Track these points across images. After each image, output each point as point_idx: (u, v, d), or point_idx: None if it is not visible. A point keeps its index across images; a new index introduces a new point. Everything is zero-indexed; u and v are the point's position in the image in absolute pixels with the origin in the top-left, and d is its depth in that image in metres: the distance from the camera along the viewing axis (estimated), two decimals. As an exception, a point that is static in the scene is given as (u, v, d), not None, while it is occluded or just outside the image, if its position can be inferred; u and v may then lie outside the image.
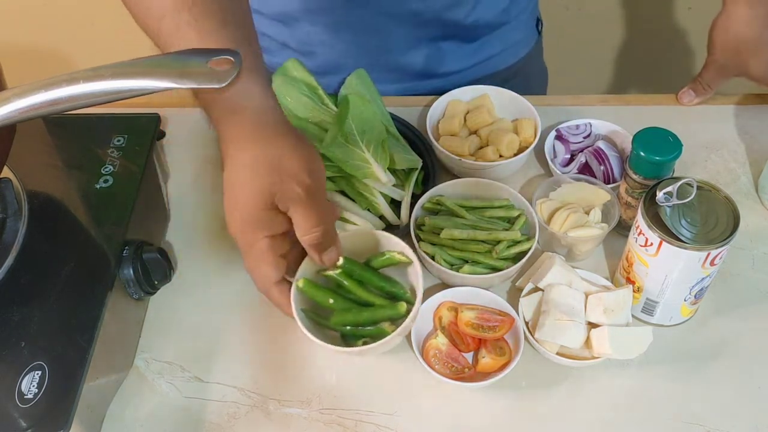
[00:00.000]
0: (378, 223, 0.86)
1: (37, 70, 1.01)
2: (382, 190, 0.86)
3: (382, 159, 0.85)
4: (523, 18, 1.07)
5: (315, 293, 0.70)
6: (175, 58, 0.67)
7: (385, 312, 0.70)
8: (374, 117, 0.87)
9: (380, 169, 0.84)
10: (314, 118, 0.90)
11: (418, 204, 0.84)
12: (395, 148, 0.88)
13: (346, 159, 0.84)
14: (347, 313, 0.70)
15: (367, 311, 0.69)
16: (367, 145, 0.84)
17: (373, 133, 0.85)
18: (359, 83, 0.93)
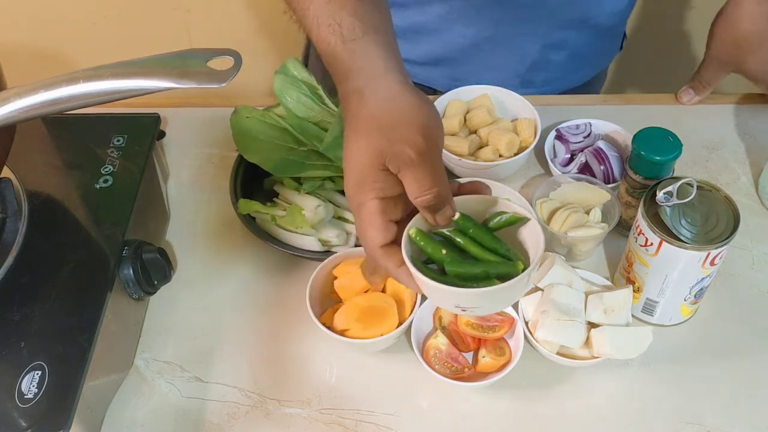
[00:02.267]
0: None
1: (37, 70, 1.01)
2: None
3: None
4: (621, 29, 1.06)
5: (427, 244, 0.63)
6: (175, 58, 0.67)
7: (500, 268, 0.62)
8: None
9: None
10: (314, 117, 0.90)
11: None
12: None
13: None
14: (462, 264, 0.63)
15: (482, 265, 0.63)
16: None
17: None
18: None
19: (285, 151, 0.87)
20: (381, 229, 0.62)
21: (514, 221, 0.64)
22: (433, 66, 0.95)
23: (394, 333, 0.75)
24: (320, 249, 0.83)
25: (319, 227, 0.83)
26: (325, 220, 0.83)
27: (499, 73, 1.02)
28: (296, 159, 0.87)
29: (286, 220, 0.83)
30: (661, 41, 1.77)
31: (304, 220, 0.82)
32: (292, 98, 0.89)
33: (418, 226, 0.63)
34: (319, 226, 0.83)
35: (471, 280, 0.61)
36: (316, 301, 0.78)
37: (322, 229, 0.83)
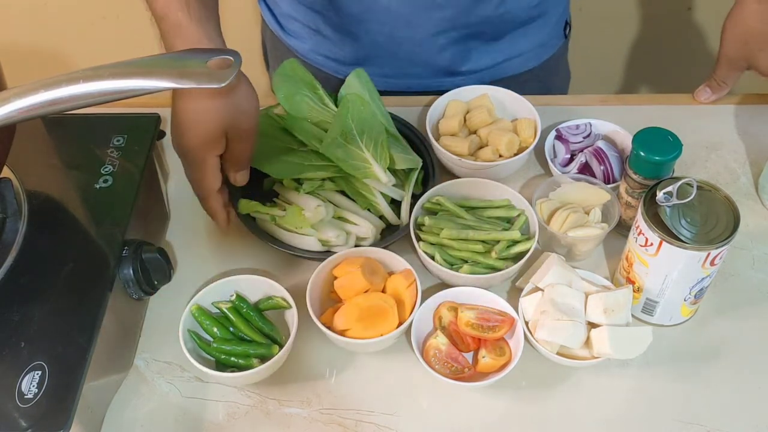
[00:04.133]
0: (378, 223, 0.86)
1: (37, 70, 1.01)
2: (382, 190, 0.86)
3: (381, 159, 0.84)
4: (552, 18, 1.06)
5: (204, 319, 0.78)
6: (175, 58, 0.67)
7: (258, 350, 0.76)
8: (373, 117, 0.87)
9: (380, 169, 0.84)
10: (314, 118, 0.90)
11: (417, 204, 0.84)
12: (395, 148, 0.87)
13: (346, 159, 0.83)
14: (226, 343, 0.77)
15: (243, 345, 0.76)
16: (367, 145, 0.84)
17: (372, 132, 0.85)
18: (359, 83, 0.92)
19: (284, 152, 0.87)
20: (217, 178, 0.80)
21: (278, 307, 0.79)
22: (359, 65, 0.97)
23: (394, 333, 0.75)
24: (320, 249, 0.82)
25: (319, 227, 0.82)
26: (325, 220, 0.83)
27: (424, 67, 1.03)
28: (295, 160, 0.87)
29: (286, 220, 0.83)
30: (661, 41, 1.77)
31: (304, 220, 0.82)
32: (291, 98, 0.89)
33: (198, 303, 0.78)
34: (319, 226, 0.82)
35: (234, 356, 0.76)
36: (316, 301, 0.78)
37: (322, 229, 0.82)
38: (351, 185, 0.86)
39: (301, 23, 1.04)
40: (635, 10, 1.72)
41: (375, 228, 0.85)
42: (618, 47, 1.80)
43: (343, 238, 0.83)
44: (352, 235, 0.84)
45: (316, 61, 1.06)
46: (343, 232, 0.83)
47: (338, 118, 0.85)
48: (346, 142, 0.84)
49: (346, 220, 0.85)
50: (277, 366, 0.76)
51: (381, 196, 0.86)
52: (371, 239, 0.84)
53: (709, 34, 1.69)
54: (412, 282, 0.78)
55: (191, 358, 0.73)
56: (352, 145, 0.84)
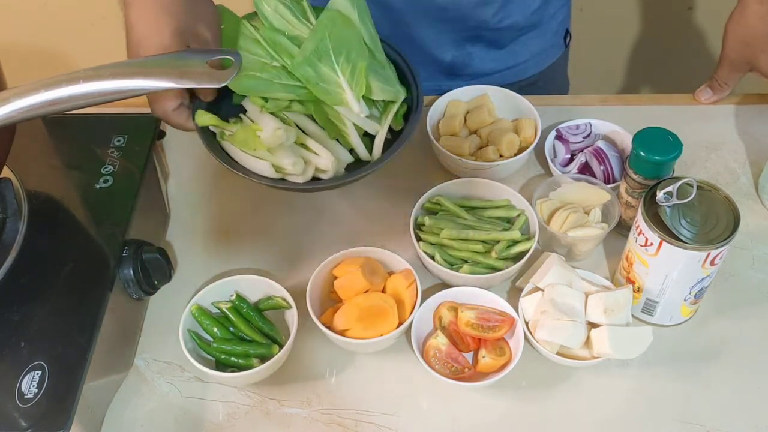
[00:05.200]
0: (345, 156, 0.80)
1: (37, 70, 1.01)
2: (355, 120, 0.79)
3: (357, 85, 0.77)
4: (552, 25, 1.06)
5: (204, 319, 0.78)
6: (175, 58, 0.67)
7: (258, 350, 0.76)
8: (355, 38, 0.77)
9: (353, 97, 0.77)
10: (291, 31, 0.79)
11: (417, 204, 0.84)
12: (376, 77, 0.79)
13: (317, 81, 0.76)
14: (226, 343, 0.77)
15: (243, 345, 0.76)
16: (343, 69, 0.76)
17: (351, 55, 0.76)
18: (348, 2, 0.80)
19: (254, 66, 0.79)
20: (176, 96, 0.75)
21: (278, 307, 0.79)
22: None
23: (394, 333, 0.75)
24: (273, 175, 0.76)
25: (276, 151, 0.75)
26: (284, 145, 0.76)
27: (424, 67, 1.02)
28: (263, 76, 0.78)
29: (236, 137, 0.76)
30: (661, 42, 1.77)
31: (258, 141, 0.75)
32: (270, 6, 0.80)
33: (198, 303, 0.77)
34: (275, 150, 0.75)
35: (234, 356, 0.76)
36: (316, 301, 0.78)
37: (278, 154, 0.75)
38: (321, 111, 0.79)
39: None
40: (636, 10, 1.72)
41: (339, 161, 0.79)
42: (618, 47, 1.80)
43: (300, 167, 0.76)
44: (311, 165, 0.78)
45: None
46: (300, 160, 0.76)
47: (313, 34, 0.76)
48: (319, 61, 0.75)
49: (308, 148, 0.78)
50: (277, 366, 0.76)
51: (353, 127, 0.79)
52: (331, 172, 0.78)
53: (710, 34, 1.69)
54: (412, 282, 0.78)
55: (191, 358, 0.73)
56: (325, 66, 0.76)
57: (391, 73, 0.83)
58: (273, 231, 0.89)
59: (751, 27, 0.92)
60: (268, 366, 0.74)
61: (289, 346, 0.75)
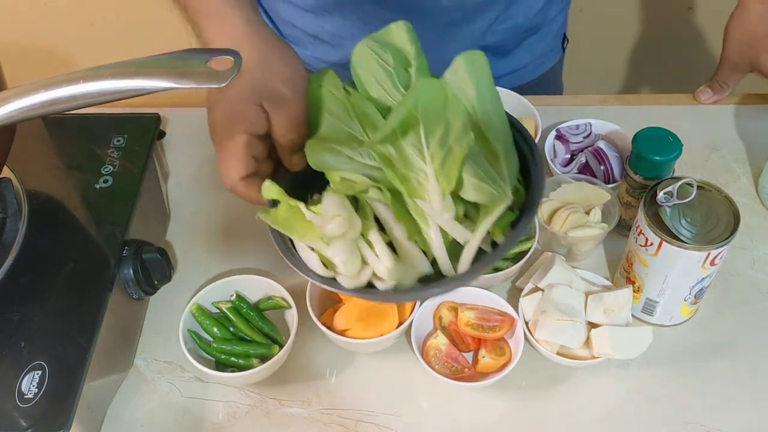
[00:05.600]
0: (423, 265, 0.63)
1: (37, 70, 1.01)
2: (441, 222, 0.61)
3: (446, 177, 0.59)
4: (553, 29, 1.07)
5: (204, 320, 0.78)
6: (175, 57, 0.67)
7: (258, 350, 0.76)
8: (459, 115, 0.59)
9: (437, 191, 0.59)
10: (386, 101, 0.65)
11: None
12: (479, 170, 0.61)
13: (394, 163, 0.61)
14: (226, 343, 0.77)
15: (243, 345, 0.77)
16: (433, 153, 0.59)
17: (447, 137, 0.59)
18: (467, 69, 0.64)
19: (339, 137, 0.65)
20: (245, 163, 0.64)
21: (280, 306, 0.79)
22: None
23: (394, 333, 0.75)
24: (321, 272, 0.61)
25: (330, 243, 0.60)
26: (344, 237, 0.60)
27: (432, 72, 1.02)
28: (344, 150, 0.64)
29: (277, 216, 0.62)
30: (662, 42, 1.77)
31: (308, 227, 0.61)
32: (366, 69, 0.66)
33: (198, 303, 0.78)
34: (331, 240, 0.60)
35: (234, 356, 0.76)
36: (316, 301, 0.78)
37: (333, 246, 0.60)
38: (400, 203, 0.62)
39: (300, 29, 1.04)
40: (636, 10, 1.72)
41: (406, 271, 0.62)
42: (618, 47, 1.80)
43: (354, 269, 0.60)
44: (366, 269, 0.61)
45: (316, 67, 1.06)
46: (357, 260, 0.60)
47: (402, 104, 0.59)
48: (403, 139, 0.59)
49: (372, 246, 0.62)
50: (277, 366, 0.76)
51: (437, 230, 0.61)
52: (390, 283, 0.61)
53: (710, 33, 1.69)
54: (412, 282, 0.78)
55: (191, 358, 0.73)
56: (410, 146, 0.59)
57: (507, 166, 0.62)
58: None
59: (751, 28, 0.92)
60: (268, 366, 0.74)
61: (289, 346, 0.75)
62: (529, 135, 0.65)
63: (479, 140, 0.61)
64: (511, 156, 0.63)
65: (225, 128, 0.64)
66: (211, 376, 0.75)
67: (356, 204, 0.64)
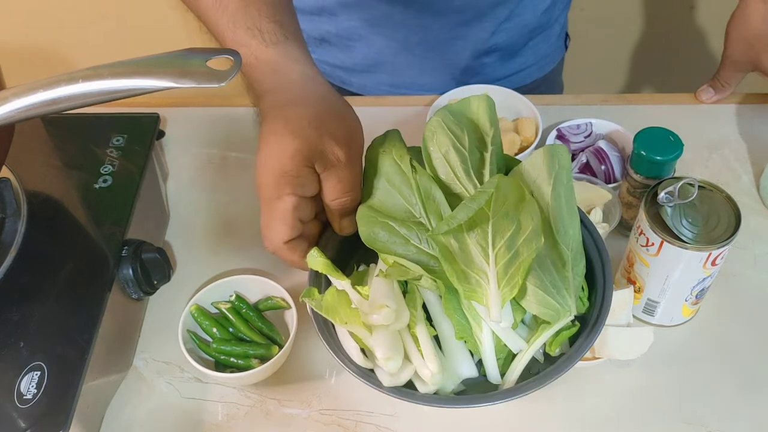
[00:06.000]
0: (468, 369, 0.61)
1: (37, 69, 1.00)
2: (495, 328, 0.59)
3: (508, 284, 0.57)
4: (556, 29, 1.07)
5: (203, 320, 0.77)
6: (175, 57, 0.67)
7: (258, 350, 0.76)
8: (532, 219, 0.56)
9: (497, 297, 0.57)
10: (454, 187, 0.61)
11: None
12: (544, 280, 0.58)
13: (454, 259, 0.58)
14: (225, 344, 0.76)
15: (242, 346, 0.76)
16: (498, 256, 0.56)
17: (516, 240, 0.56)
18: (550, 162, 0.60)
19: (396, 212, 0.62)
20: (290, 226, 0.61)
21: (277, 307, 0.78)
22: (369, 73, 0.96)
23: (395, 333, 0.74)
24: (360, 362, 0.59)
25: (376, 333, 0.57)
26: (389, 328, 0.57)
27: (435, 76, 1.02)
28: (400, 229, 0.61)
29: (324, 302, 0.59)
30: (662, 41, 1.77)
31: (353, 314, 0.57)
32: (439, 147, 0.61)
33: (198, 303, 0.77)
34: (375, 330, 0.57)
35: (233, 356, 0.75)
36: (316, 302, 0.78)
37: (376, 338, 0.57)
38: (454, 300, 0.59)
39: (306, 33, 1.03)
40: (637, 10, 1.72)
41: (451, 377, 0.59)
42: (619, 47, 1.80)
43: (395, 366, 0.57)
44: (408, 368, 0.58)
45: (322, 70, 1.05)
46: (399, 356, 0.57)
47: (473, 198, 0.55)
48: (468, 235, 0.57)
49: (417, 343, 0.58)
50: (277, 366, 0.76)
51: (490, 335, 0.59)
52: (432, 388, 0.58)
53: (711, 33, 1.69)
54: (412, 282, 0.77)
55: (190, 358, 0.73)
56: (475, 243, 0.56)
57: (573, 279, 0.60)
58: (273, 231, 0.89)
59: (753, 27, 0.92)
60: (267, 366, 0.73)
61: (288, 346, 0.75)
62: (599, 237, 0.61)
63: (548, 243, 0.58)
64: (579, 261, 0.60)
65: (273, 188, 0.61)
66: (211, 376, 0.75)
67: (404, 287, 0.61)
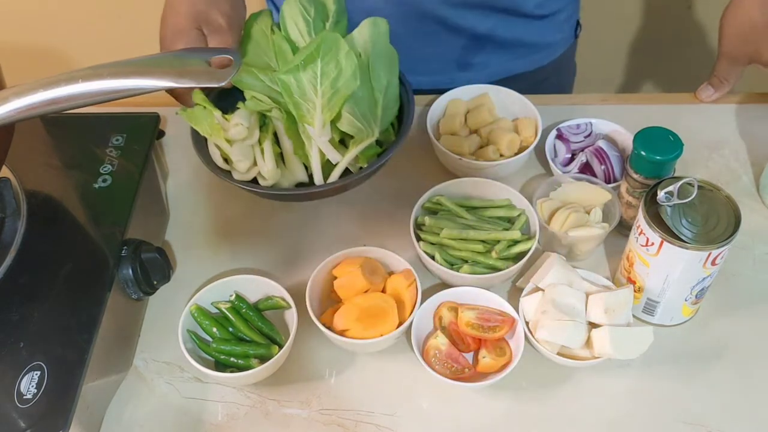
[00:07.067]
0: (301, 174, 0.82)
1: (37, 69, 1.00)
2: (320, 144, 0.79)
3: (329, 110, 0.76)
4: (562, 15, 1.06)
5: (203, 320, 0.77)
6: (175, 57, 0.67)
7: (258, 350, 0.76)
8: (350, 68, 0.76)
9: (320, 120, 0.76)
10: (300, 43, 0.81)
11: (418, 203, 0.84)
12: (357, 110, 0.78)
13: (293, 92, 0.76)
14: (227, 342, 0.76)
15: (242, 346, 0.76)
16: (324, 91, 0.75)
17: (337, 82, 0.75)
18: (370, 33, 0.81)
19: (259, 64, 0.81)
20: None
21: (277, 307, 0.79)
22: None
23: (394, 333, 0.75)
24: (221, 164, 0.80)
25: (233, 145, 0.79)
26: (243, 143, 0.79)
27: (433, 62, 1.02)
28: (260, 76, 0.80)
29: (190, 115, 0.78)
30: (662, 41, 1.77)
31: (217, 128, 0.78)
32: (291, 15, 0.82)
33: (198, 303, 0.77)
34: (234, 144, 0.79)
35: (233, 356, 0.75)
36: (315, 301, 0.78)
37: (233, 147, 0.79)
38: (293, 125, 0.80)
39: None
40: (636, 9, 1.72)
41: (286, 176, 0.81)
42: (619, 46, 1.80)
43: (245, 166, 0.79)
44: (254, 168, 0.80)
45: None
46: (248, 160, 0.79)
47: (306, 47, 0.76)
48: (303, 73, 0.75)
49: (263, 153, 0.80)
50: (277, 366, 0.76)
51: (317, 150, 0.79)
52: (268, 183, 0.81)
53: (710, 32, 1.69)
54: (412, 282, 0.78)
55: (190, 358, 0.73)
56: (307, 80, 0.75)
57: (382, 113, 0.81)
58: (272, 231, 0.89)
59: (749, 18, 0.91)
60: (267, 366, 0.73)
61: (288, 346, 0.75)
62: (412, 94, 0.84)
63: (366, 88, 0.80)
64: (391, 106, 0.82)
65: (170, 42, 0.77)
66: (211, 376, 0.75)
67: (264, 120, 0.83)
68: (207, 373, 0.74)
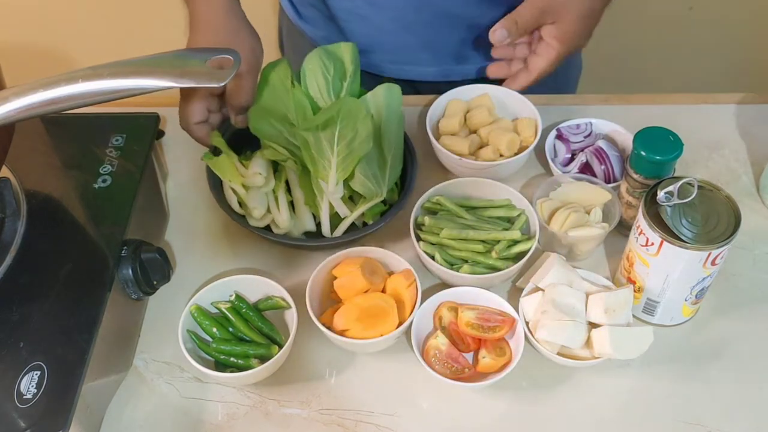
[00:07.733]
0: (310, 224, 0.85)
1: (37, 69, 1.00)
2: (330, 198, 0.83)
3: (343, 170, 0.81)
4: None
5: (203, 320, 0.78)
6: (175, 57, 0.67)
7: (258, 350, 0.76)
8: (366, 131, 0.80)
9: (334, 177, 0.81)
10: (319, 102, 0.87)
11: (417, 203, 0.84)
12: (368, 171, 0.83)
13: (310, 149, 0.81)
14: (227, 343, 0.76)
15: (242, 346, 0.76)
16: (340, 150, 0.80)
17: (353, 143, 0.80)
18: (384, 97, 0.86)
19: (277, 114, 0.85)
20: (200, 112, 0.84)
21: (277, 307, 0.79)
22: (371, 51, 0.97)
23: (394, 333, 0.75)
24: (237, 209, 0.84)
25: (249, 191, 0.83)
26: (259, 190, 0.83)
27: (434, 52, 1.02)
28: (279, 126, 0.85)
29: (215, 161, 0.84)
30: (662, 41, 1.77)
31: (233, 172, 0.83)
32: (312, 74, 0.87)
33: (198, 303, 0.78)
34: (250, 189, 0.83)
35: (233, 356, 0.76)
36: (315, 301, 0.78)
37: (250, 194, 0.83)
38: (306, 177, 0.84)
39: (317, 9, 1.04)
40: (636, 10, 1.72)
41: (296, 225, 0.85)
42: (619, 47, 1.79)
43: (260, 213, 0.83)
44: (268, 216, 0.84)
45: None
46: (264, 207, 0.83)
47: (328, 109, 0.81)
48: (322, 133, 0.79)
49: (277, 202, 0.84)
50: (277, 366, 0.76)
51: (327, 203, 0.83)
52: (281, 231, 0.84)
53: (711, 33, 1.69)
54: (412, 282, 0.78)
55: (190, 358, 0.73)
56: (326, 140, 0.80)
57: (389, 175, 0.86)
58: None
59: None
60: (267, 366, 0.73)
61: (288, 346, 0.75)
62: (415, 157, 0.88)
63: (377, 149, 0.85)
64: (397, 165, 0.87)
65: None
66: (211, 376, 0.75)
67: (277, 167, 0.87)
68: (207, 373, 0.74)
